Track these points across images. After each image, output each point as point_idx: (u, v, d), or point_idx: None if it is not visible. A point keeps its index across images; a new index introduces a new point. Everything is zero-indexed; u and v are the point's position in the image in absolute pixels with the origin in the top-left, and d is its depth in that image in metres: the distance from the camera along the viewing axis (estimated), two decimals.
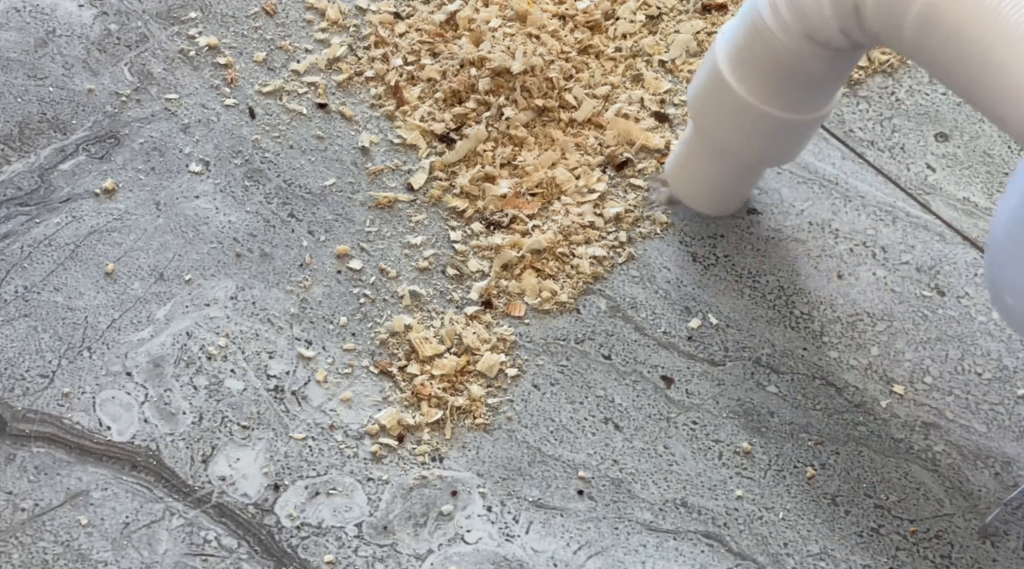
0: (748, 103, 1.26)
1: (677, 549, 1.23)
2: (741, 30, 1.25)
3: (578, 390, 1.33)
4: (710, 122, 1.32)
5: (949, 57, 1.06)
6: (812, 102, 1.28)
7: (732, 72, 1.26)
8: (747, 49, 1.24)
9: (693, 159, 1.39)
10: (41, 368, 1.31)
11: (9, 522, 1.21)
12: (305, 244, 1.43)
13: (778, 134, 1.30)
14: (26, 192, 1.45)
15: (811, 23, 1.16)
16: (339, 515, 1.23)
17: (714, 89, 1.29)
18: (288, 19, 1.65)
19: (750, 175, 1.40)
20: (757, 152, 1.33)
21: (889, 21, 1.09)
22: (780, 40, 1.20)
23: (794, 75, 1.23)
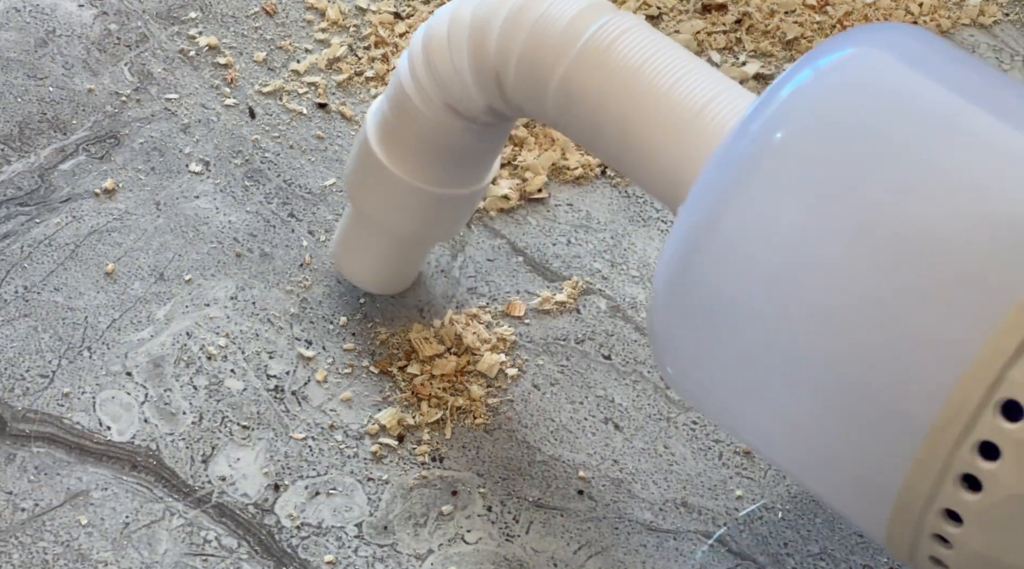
0: (401, 179, 1.20)
1: (677, 549, 1.23)
2: (388, 103, 1.19)
3: (578, 390, 1.33)
4: (366, 199, 1.25)
5: (591, 129, 1.04)
6: (467, 177, 1.22)
7: (382, 147, 1.20)
8: (394, 123, 1.18)
9: (355, 238, 1.31)
10: (41, 368, 1.31)
11: (9, 522, 1.21)
12: (305, 244, 1.43)
13: (436, 210, 1.24)
14: (26, 192, 1.45)
15: (453, 94, 1.12)
16: (339, 515, 1.23)
17: (366, 165, 1.23)
18: (288, 19, 1.65)
19: (416, 252, 1.33)
20: (417, 228, 1.26)
21: (532, 93, 1.06)
22: (424, 113, 1.15)
23: (443, 150, 1.18)
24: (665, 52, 1.03)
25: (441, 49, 1.12)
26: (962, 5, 1.72)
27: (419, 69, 1.14)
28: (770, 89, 0.93)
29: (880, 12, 1.68)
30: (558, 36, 1.04)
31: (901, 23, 1.59)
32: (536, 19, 1.06)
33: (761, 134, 0.90)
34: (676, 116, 0.99)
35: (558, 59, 1.04)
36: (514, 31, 1.07)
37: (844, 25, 1.66)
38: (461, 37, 1.11)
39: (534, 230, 1.46)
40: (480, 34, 1.09)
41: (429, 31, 1.15)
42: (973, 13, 1.70)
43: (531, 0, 1.07)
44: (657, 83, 1.00)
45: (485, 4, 1.10)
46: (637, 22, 1.05)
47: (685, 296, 0.94)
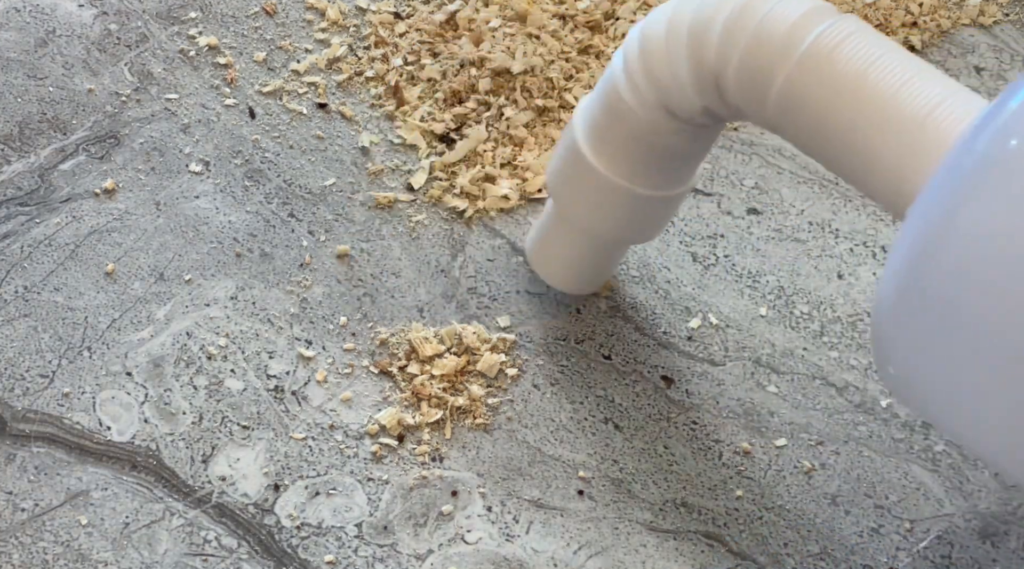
0: (608, 179, 1.20)
1: (677, 549, 1.23)
2: (599, 103, 1.19)
3: (578, 390, 1.33)
4: (570, 198, 1.25)
5: (813, 133, 1.03)
6: (674, 178, 1.22)
7: (591, 147, 1.20)
8: (605, 123, 1.18)
9: (554, 236, 1.32)
10: (41, 368, 1.31)
11: (9, 522, 1.21)
12: (305, 244, 1.43)
13: (640, 211, 1.24)
14: (26, 192, 1.45)
15: (670, 96, 1.11)
16: (339, 515, 1.23)
17: (573, 164, 1.23)
18: (288, 19, 1.65)
19: (613, 253, 1.33)
20: (619, 230, 1.26)
21: (752, 96, 1.06)
22: (638, 114, 1.14)
23: (654, 151, 1.17)
24: (890, 56, 1.01)
25: (659, 51, 1.11)
26: (962, 5, 1.72)
27: (635, 70, 1.13)
28: (1001, 97, 0.93)
29: (880, 12, 1.68)
30: (780, 39, 1.03)
31: None
32: (758, 22, 1.04)
33: (994, 141, 0.90)
34: (902, 122, 0.98)
35: (780, 63, 1.03)
36: (735, 34, 1.05)
37: None
38: (680, 39, 1.09)
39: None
40: (700, 36, 1.08)
41: (646, 32, 1.13)
42: (973, 13, 1.70)
43: (753, 2, 1.05)
44: (882, 88, 0.99)
45: (705, 6, 1.08)
46: (860, 26, 1.04)
47: (915, 299, 0.94)
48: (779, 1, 1.05)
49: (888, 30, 1.67)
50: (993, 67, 1.65)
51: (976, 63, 1.66)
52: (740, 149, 1.55)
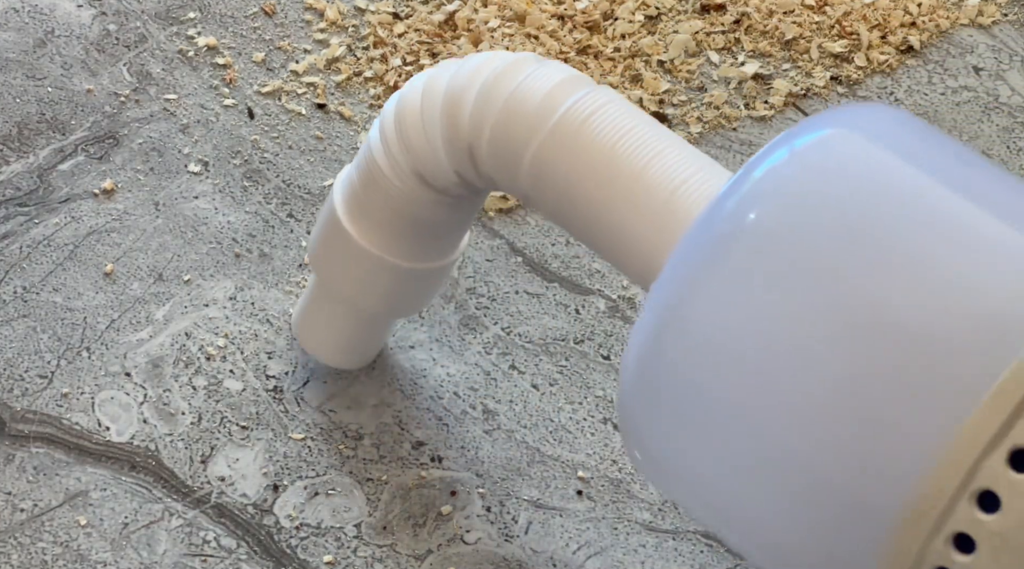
0: (367, 250, 1.16)
1: (676, 549, 1.23)
2: (357, 173, 1.15)
3: (577, 390, 1.33)
4: (330, 270, 1.21)
5: (564, 206, 1.01)
6: (435, 250, 1.19)
7: (349, 217, 1.16)
8: (364, 193, 1.15)
9: (317, 309, 1.27)
10: (40, 368, 1.31)
11: (8, 523, 1.21)
12: (304, 244, 1.43)
13: (401, 284, 1.20)
14: (25, 192, 1.45)
15: (425, 165, 1.09)
16: (338, 515, 1.23)
17: (332, 235, 1.18)
18: (287, 19, 1.65)
19: (379, 327, 1.28)
20: (381, 303, 1.22)
21: (504, 167, 1.04)
22: (393, 183, 1.11)
23: (412, 222, 1.14)
24: (640, 129, 0.99)
25: (414, 119, 1.09)
26: (961, 5, 1.72)
27: (391, 138, 1.11)
28: (744, 168, 0.91)
29: (879, 13, 1.68)
30: (531, 111, 1.01)
31: (881, 104, 1.55)
32: (510, 93, 1.03)
33: (733, 214, 0.88)
34: (649, 197, 0.95)
35: (531, 135, 1.01)
36: (488, 104, 1.04)
37: (842, 25, 1.67)
38: (434, 107, 1.08)
39: (533, 230, 1.46)
40: (454, 105, 1.06)
41: (402, 100, 1.11)
42: (972, 13, 1.71)
43: (506, 73, 1.04)
44: (631, 162, 0.97)
45: (460, 75, 1.07)
46: (612, 97, 1.02)
47: (653, 379, 0.91)
48: (533, 71, 1.03)
49: (887, 30, 1.67)
50: (992, 67, 1.65)
51: (975, 63, 1.66)
52: (739, 149, 1.55)
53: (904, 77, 1.63)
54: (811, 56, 1.64)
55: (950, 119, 1.59)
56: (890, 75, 1.64)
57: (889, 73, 1.64)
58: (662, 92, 1.59)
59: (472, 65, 1.07)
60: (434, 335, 1.36)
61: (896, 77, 1.63)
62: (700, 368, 0.89)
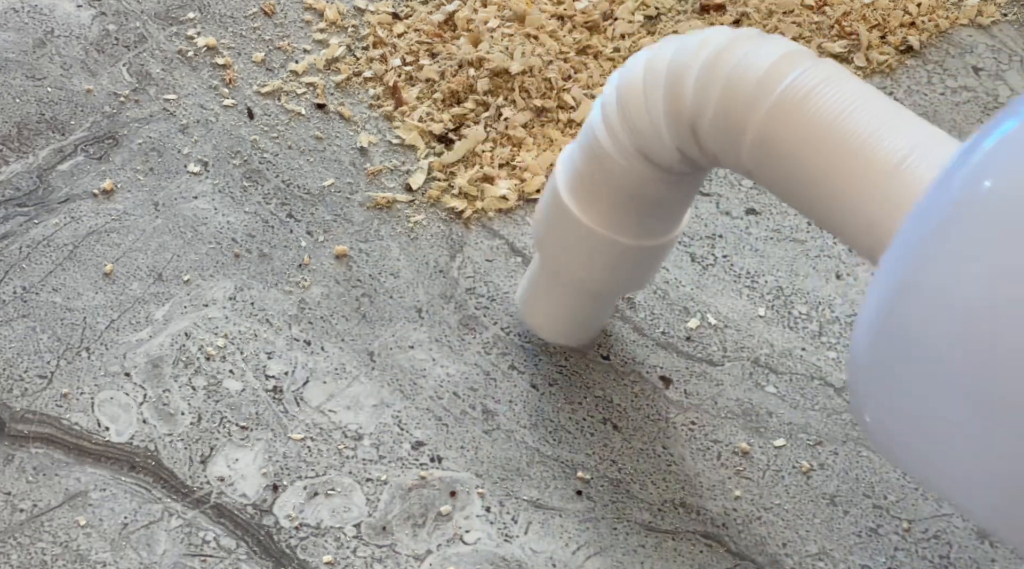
0: (592, 230, 1.19)
1: (676, 549, 1.23)
2: (579, 152, 1.17)
3: (576, 390, 1.33)
4: (554, 250, 1.24)
5: (787, 181, 1.03)
6: (658, 227, 1.20)
7: (573, 197, 1.19)
8: (586, 172, 1.17)
9: (541, 288, 1.30)
10: (39, 369, 1.31)
11: (8, 523, 1.21)
12: (304, 244, 1.43)
13: (626, 261, 1.22)
14: (24, 193, 1.45)
15: (648, 143, 1.10)
16: (338, 515, 1.23)
17: (556, 215, 1.21)
18: (286, 19, 1.65)
19: (604, 304, 1.31)
20: (605, 281, 1.25)
21: (727, 143, 1.05)
22: (618, 163, 1.13)
23: (634, 199, 1.16)
24: (864, 101, 1.00)
25: (636, 98, 1.10)
26: (960, 5, 1.72)
27: (613, 117, 1.13)
28: (973, 139, 0.91)
29: (878, 12, 1.68)
30: (754, 87, 1.02)
31: None
32: (732, 69, 1.04)
33: (968, 183, 0.89)
34: (875, 168, 0.96)
35: (753, 110, 1.02)
36: (710, 81, 1.05)
37: (842, 25, 1.67)
38: (656, 86, 1.09)
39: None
40: (676, 83, 1.07)
41: (624, 79, 1.12)
42: (971, 13, 1.71)
43: (727, 49, 1.05)
44: (855, 134, 0.98)
45: (682, 52, 1.08)
46: (835, 70, 1.03)
47: (888, 345, 0.93)
48: (753, 47, 1.04)
49: (886, 30, 1.67)
50: (991, 67, 1.65)
51: (974, 63, 1.66)
52: None
53: (904, 77, 1.63)
54: None
55: (950, 119, 1.59)
56: (890, 75, 1.64)
57: (889, 73, 1.64)
58: None
59: (693, 42, 1.07)
60: (434, 335, 1.36)
61: (896, 77, 1.63)
62: (937, 331, 0.89)
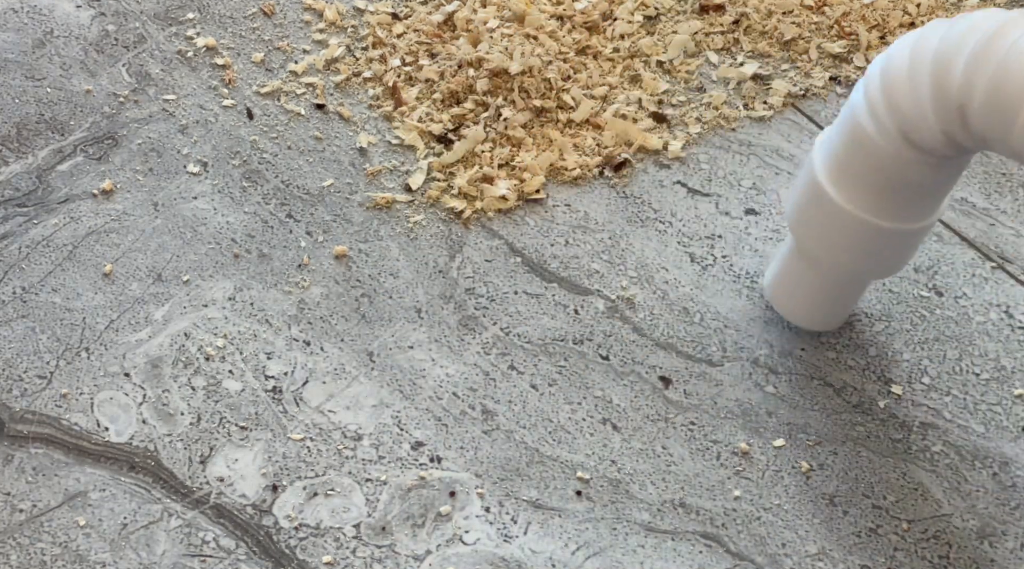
0: (850, 213, 1.20)
1: (675, 549, 1.23)
2: (839, 136, 1.18)
3: (576, 391, 1.33)
4: (810, 233, 1.25)
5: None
6: (918, 211, 1.21)
7: (831, 181, 1.20)
8: (846, 156, 1.18)
9: (793, 272, 1.32)
10: (39, 369, 1.31)
11: (7, 523, 1.21)
12: (303, 245, 1.43)
13: (883, 245, 1.23)
14: (24, 193, 1.45)
15: (912, 126, 1.11)
16: (337, 516, 1.23)
17: (813, 199, 1.22)
18: (286, 20, 1.65)
19: (854, 288, 1.32)
20: (862, 264, 1.26)
21: (997, 125, 1.05)
22: (880, 146, 1.14)
23: (897, 183, 1.16)
24: None
25: (901, 81, 1.11)
26: (959, 6, 1.72)
27: (877, 100, 1.13)
28: None
29: (878, 13, 1.68)
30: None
31: None
32: (1006, 51, 1.03)
33: None
34: None
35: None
36: (981, 63, 1.05)
37: (842, 25, 1.67)
38: (923, 69, 1.09)
39: (532, 231, 1.46)
40: (944, 66, 1.07)
41: (888, 62, 1.13)
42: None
43: (1000, 31, 1.05)
44: None
45: (950, 36, 1.08)
46: None
47: None
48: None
49: (886, 30, 1.67)
50: None
51: None
52: (738, 149, 1.55)
53: None
54: (810, 56, 1.64)
55: None
56: None
57: None
58: (661, 92, 1.59)
59: (963, 26, 1.07)
60: (433, 335, 1.36)
61: None
62: None
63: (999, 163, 1.55)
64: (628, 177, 1.51)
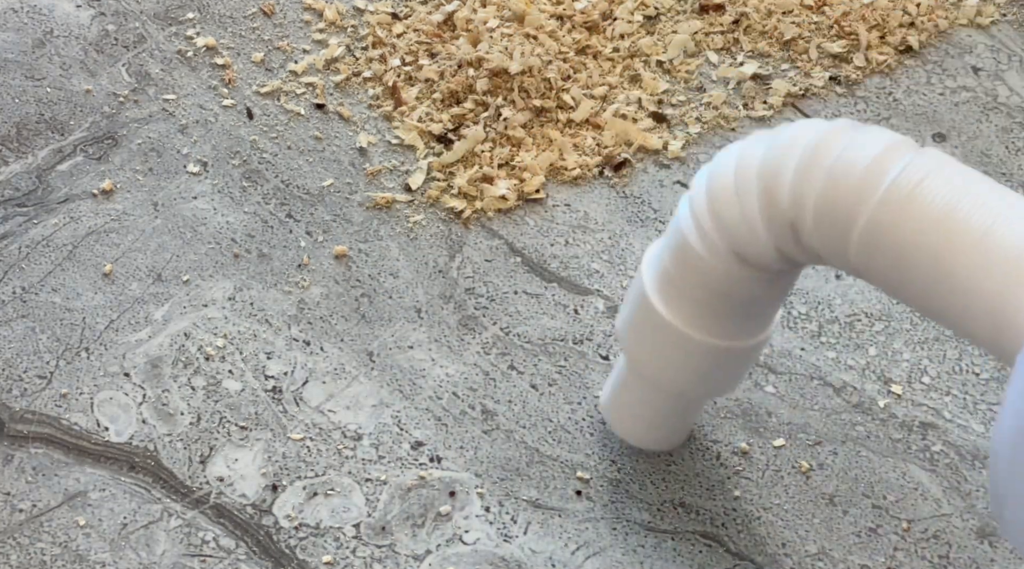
0: (680, 331, 1.14)
1: (675, 549, 1.23)
2: (667, 251, 1.13)
3: (576, 390, 1.33)
4: (641, 352, 1.20)
5: (901, 277, 0.98)
6: (752, 326, 1.16)
7: (661, 298, 1.14)
8: (675, 272, 1.12)
9: (627, 391, 1.26)
10: (39, 369, 1.31)
11: (7, 523, 1.21)
12: (303, 244, 1.43)
13: (716, 363, 1.17)
14: (24, 193, 1.45)
15: (743, 243, 1.06)
16: (337, 516, 1.23)
17: (644, 317, 1.17)
18: (286, 20, 1.65)
19: (690, 408, 1.27)
20: (698, 384, 1.20)
21: (831, 240, 1.00)
22: (708, 262, 1.09)
23: (727, 300, 1.12)
24: (978, 190, 0.94)
25: (727, 197, 1.06)
26: (959, 6, 1.72)
27: (703, 217, 1.08)
28: None
29: (878, 13, 1.68)
30: (857, 181, 0.97)
31: None
32: (832, 162, 0.99)
33: None
34: (1001, 259, 0.91)
35: (860, 204, 0.96)
36: (809, 177, 1.00)
37: (841, 25, 1.67)
38: (750, 184, 1.04)
39: (532, 230, 1.46)
40: (772, 179, 1.02)
41: (713, 177, 1.08)
42: (971, 13, 1.71)
43: (824, 143, 1.00)
44: (974, 224, 0.92)
45: (774, 148, 1.03)
46: (943, 160, 0.97)
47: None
48: (853, 139, 1.00)
49: (886, 30, 1.67)
50: (991, 67, 1.65)
51: (974, 63, 1.66)
52: None
53: (903, 77, 1.63)
54: (810, 56, 1.64)
55: (949, 119, 1.59)
56: (889, 75, 1.64)
57: (888, 73, 1.64)
58: (661, 92, 1.59)
59: (785, 137, 1.03)
60: (433, 335, 1.36)
61: (895, 77, 1.63)
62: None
63: (999, 163, 1.55)
64: (628, 177, 1.51)
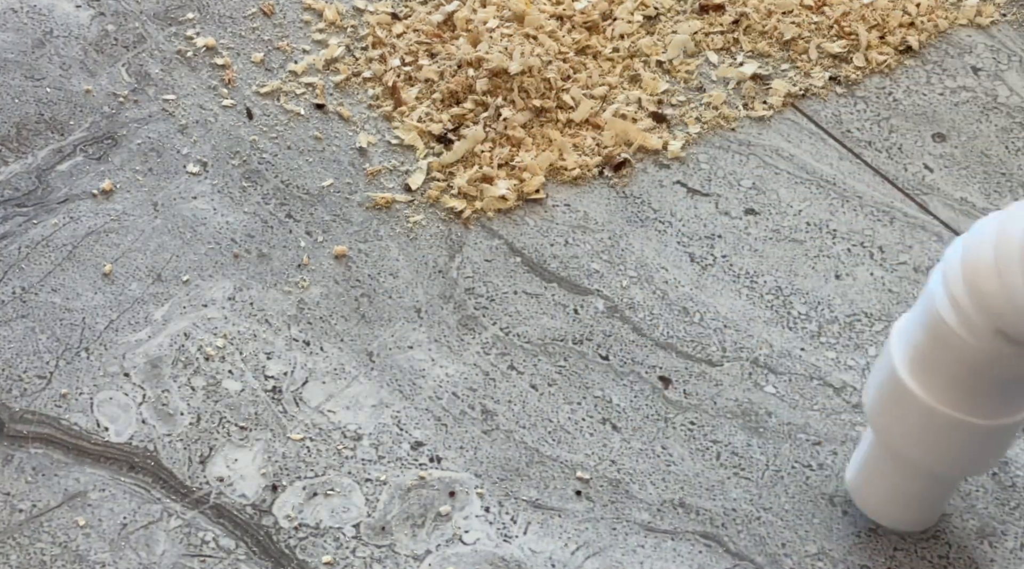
0: (937, 410, 1.09)
1: (675, 549, 1.23)
2: (920, 328, 1.08)
3: (576, 391, 1.33)
4: (893, 430, 1.15)
5: None
6: (1011, 405, 1.10)
7: (914, 376, 1.09)
8: (930, 351, 1.07)
9: (879, 470, 1.21)
10: (39, 369, 1.31)
11: (7, 523, 1.21)
12: (303, 245, 1.43)
13: (974, 442, 1.12)
14: (24, 193, 1.45)
15: (1008, 323, 1.00)
16: (337, 516, 1.23)
17: (895, 394, 1.12)
18: (286, 20, 1.65)
19: (945, 488, 1.22)
20: (951, 463, 1.15)
21: None
22: (967, 342, 1.03)
23: (987, 378, 1.06)
24: None
25: (988, 276, 1.00)
26: (959, 6, 1.72)
27: (960, 295, 1.02)
28: None
29: (877, 13, 1.68)
30: None
31: None
32: None
33: None
34: None
35: None
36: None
37: (841, 25, 1.67)
38: (1012, 256, 0.98)
39: (532, 230, 1.46)
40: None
41: (970, 254, 1.02)
42: (970, 14, 1.71)
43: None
44: None
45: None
46: None
47: None
48: None
49: (885, 30, 1.67)
50: (990, 67, 1.65)
51: (973, 63, 1.66)
52: (738, 150, 1.55)
53: (903, 77, 1.63)
54: (810, 56, 1.64)
55: (948, 119, 1.59)
56: (889, 75, 1.64)
57: (888, 73, 1.64)
58: (661, 92, 1.59)
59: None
60: (433, 335, 1.36)
61: (895, 77, 1.63)
62: None
63: (999, 163, 1.55)
64: (628, 177, 1.51)
